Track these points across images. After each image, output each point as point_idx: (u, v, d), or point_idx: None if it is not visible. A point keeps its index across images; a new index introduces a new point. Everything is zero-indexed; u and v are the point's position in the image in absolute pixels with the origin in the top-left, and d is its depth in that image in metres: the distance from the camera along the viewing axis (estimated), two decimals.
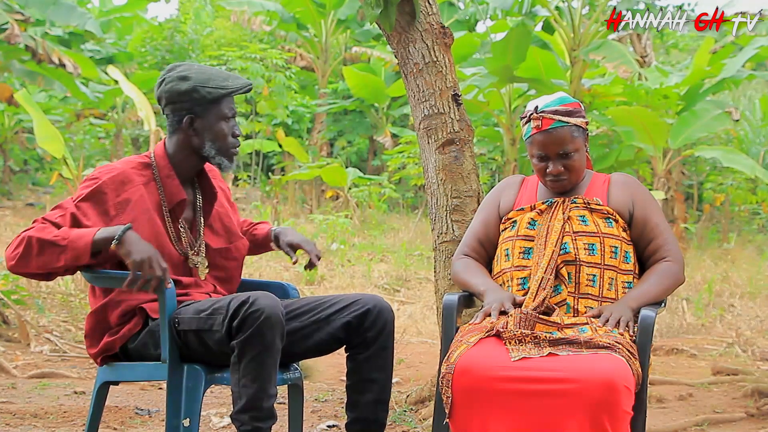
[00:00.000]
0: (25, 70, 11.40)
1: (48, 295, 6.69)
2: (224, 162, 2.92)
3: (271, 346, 2.60)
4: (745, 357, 5.73)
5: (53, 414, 4.01)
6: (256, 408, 2.61)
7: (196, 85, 2.85)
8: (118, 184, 2.82)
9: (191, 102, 2.86)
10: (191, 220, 2.96)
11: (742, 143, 12.98)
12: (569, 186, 2.87)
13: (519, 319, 2.59)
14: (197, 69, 2.91)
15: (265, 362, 2.60)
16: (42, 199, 14.16)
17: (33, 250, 2.67)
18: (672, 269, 2.79)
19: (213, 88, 2.86)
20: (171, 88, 2.87)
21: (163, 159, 2.91)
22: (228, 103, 2.90)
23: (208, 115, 2.87)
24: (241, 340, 2.59)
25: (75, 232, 2.69)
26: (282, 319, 2.63)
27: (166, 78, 2.90)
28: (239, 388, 2.61)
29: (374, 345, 2.86)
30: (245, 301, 2.61)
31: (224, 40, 18.62)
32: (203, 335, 2.69)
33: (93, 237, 2.67)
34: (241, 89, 2.90)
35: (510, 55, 9.44)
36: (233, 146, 2.92)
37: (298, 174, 12.58)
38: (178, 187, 2.89)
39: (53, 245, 2.67)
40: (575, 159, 2.82)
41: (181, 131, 2.89)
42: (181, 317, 2.72)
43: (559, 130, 2.80)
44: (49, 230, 2.69)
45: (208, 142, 2.89)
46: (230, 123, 2.91)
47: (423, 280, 8.73)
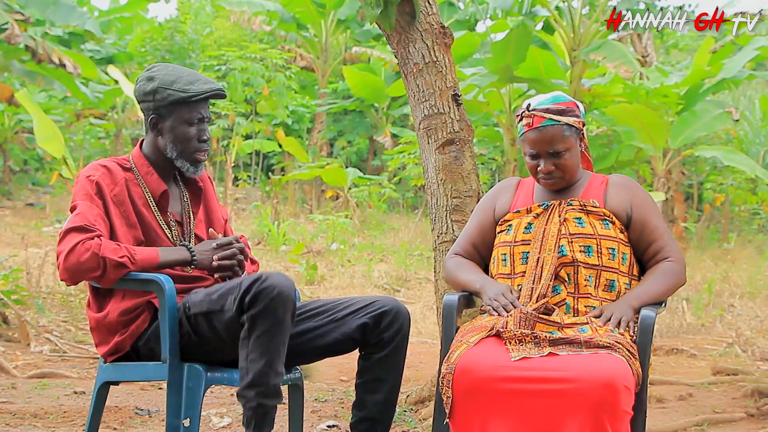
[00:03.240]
0: (25, 70, 11.40)
1: (48, 295, 6.69)
2: (186, 166, 2.92)
3: (281, 321, 2.60)
4: (745, 357, 5.73)
5: (53, 414, 4.01)
6: (263, 384, 2.59)
7: (158, 87, 2.87)
8: (109, 179, 2.86)
9: (155, 102, 2.88)
10: (180, 213, 2.99)
11: (742, 143, 12.98)
12: (563, 184, 2.86)
13: (519, 319, 2.59)
14: (168, 71, 2.91)
15: (274, 338, 2.60)
16: (42, 199, 14.16)
17: (109, 272, 2.71)
18: (674, 269, 2.79)
19: (175, 90, 2.86)
20: (138, 88, 2.92)
21: (140, 158, 2.95)
22: (195, 107, 2.88)
23: (170, 117, 2.88)
24: (252, 314, 2.59)
25: (140, 255, 2.75)
26: (294, 298, 2.63)
27: (139, 78, 2.95)
28: (247, 363, 2.60)
29: (389, 346, 2.86)
30: (258, 277, 2.62)
31: (224, 40, 18.64)
32: (213, 317, 2.69)
33: (159, 261, 2.78)
34: (203, 94, 2.87)
35: (510, 55, 9.45)
36: (197, 150, 2.91)
37: (298, 174, 12.58)
38: (158, 180, 2.92)
39: (122, 267, 2.72)
40: (567, 158, 2.81)
41: (150, 132, 2.94)
42: (192, 301, 2.74)
43: (550, 129, 2.79)
44: (112, 247, 2.72)
45: (170, 144, 2.90)
46: (198, 126, 2.90)
47: (423, 280, 8.73)
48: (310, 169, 12.37)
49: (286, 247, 10.14)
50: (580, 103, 2.91)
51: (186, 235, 2.97)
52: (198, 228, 3.01)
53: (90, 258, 2.68)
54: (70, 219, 2.79)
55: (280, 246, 10.11)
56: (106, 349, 2.84)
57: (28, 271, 6.75)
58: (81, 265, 2.69)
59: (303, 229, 11.05)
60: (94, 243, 2.70)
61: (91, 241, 2.70)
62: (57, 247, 2.76)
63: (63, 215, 11.96)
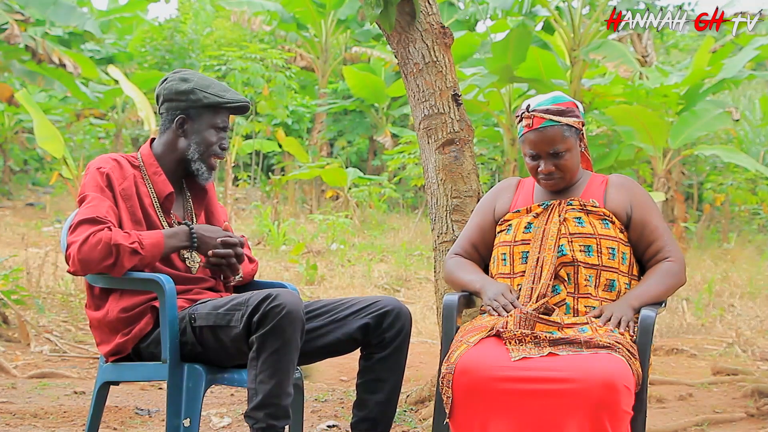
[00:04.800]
0: (25, 70, 11.40)
1: (48, 295, 6.69)
2: (203, 169, 2.95)
3: (290, 341, 2.60)
4: (745, 357, 5.73)
5: (53, 414, 4.01)
6: (272, 405, 2.59)
7: (195, 88, 2.91)
8: (119, 173, 2.88)
9: (187, 102, 2.91)
10: (182, 215, 3.00)
11: (742, 143, 12.98)
12: (562, 185, 2.86)
13: (519, 319, 2.59)
14: (200, 75, 2.97)
15: (283, 358, 2.59)
16: (42, 199, 14.16)
17: (122, 258, 2.72)
18: (674, 269, 2.79)
19: (210, 94, 2.91)
20: (171, 87, 2.94)
21: (149, 158, 2.96)
22: (222, 115, 2.94)
23: (200, 119, 2.92)
24: (261, 334, 2.59)
25: (147, 240, 2.76)
26: (302, 317, 2.63)
27: (169, 77, 2.98)
28: (256, 384, 2.60)
29: (390, 346, 2.86)
30: (267, 296, 2.62)
31: (224, 40, 18.62)
32: (219, 332, 2.69)
33: (164, 246, 2.79)
34: (237, 104, 2.94)
35: (510, 55, 9.45)
36: (216, 156, 2.95)
37: (298, 174, 12.59)
38: (165, 182, 2.93)
39: (134, 253, 2.73)
40: (567, 158, 2.81)
41: (171, 131, 2.95)
42: (198, 313, 2.74)
43: (549, 129, 2.80)
44: (123, 234, 2.74)
45: (194, 145, 2.92)
46: (220, 134, 2.95)
47: (423, 280, 8.73)
48: (310, 169, 12.37)
49: (286, 247, 10.14)
50: (579, 103, 2.91)
51: None
52: None
53: (102, 248, 2.70)
54: (80, 210, 2.80)
55: (280, 246, 10.12)
56: (107, 349, 2.84)
57: (28, 271, 6.75)
58: (94, 255, 2.70)
59: (303, 229, 11.05)
60: (105, 234, 2.71)
61: (102, 233, 2.71)
62: (67, 237, 2.77)
63: (63, 215, 11.96)
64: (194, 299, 2.86)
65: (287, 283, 3.13)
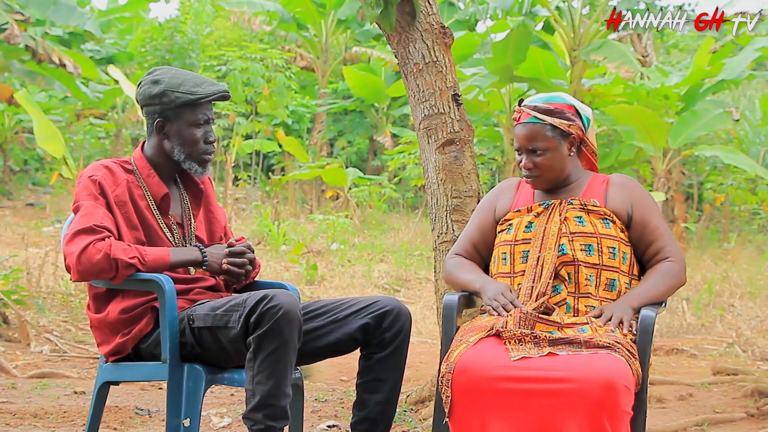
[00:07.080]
0: (25, 70, 11.40)
1: (48, 295, 6.69)
2: (195, 167, 2.94)
3: (288, 342, 2.60)
4: (745, 357, 5.73)
5: (53, 414, 4.01)
6: (271, 406, 2.59)
7: (165, 89, 2.87)
8: (111, 180, 2.87)
9: (162, 105, 2.89)
10: (180, 215, 2.99)
11: (742, 143, 12.97)
12: (543, 185, 2.87)
13: (519, 319, 2.59)
14: (172, 73, 2.92)
15: (281, 359, 2.59)
16: (42, 199, 14.16)
17: (121, 272, 2.72)
18: (674, 269, 2.79)
19: (182, 93, 2.87)
20: (143, 91, 2.92)
21: (141, 161, 2.95)
22: (200, 109, 2.90)
23: (178, 119, 2.89)
24: (259, 335, 2.59)
25: (150, 256, 2.76)
26: (300, 317, 2.63)
27: (142, 81, 2.95)
28: (254, 385, 2.60)
29: (390, 346, 2.86)
30: (264, 297, 2.62)
31: (224, 40, 18.61)
32: (218, 333, 2.69)
33: (170, 262, 2.79)
34: (211, 96, 2.90)
35: (510, 55, 9.44)
36: (204, 152, 2.93)
37: (298, 174, 12.58)
38: (159, 183, 2.93)
39: (132, 267, 2.73)
40: (546, 157, 2.81)
41: (155, 135, 2.93)
42: (196, 314, 2.74)
43: (531, 126, 2.81)
44: (123, 248, 2.73)
45: (177, 146, 2.91)
46: (204, 128, 2.92)
47: (423, 280, 8.73)
48: (310, 169, 12.37)
49: (286, 247, 10.13)
50: (583, 108, 2.89)
51: (187, 237, 2.97)
52: (199, 230, 3.01)
53: (102, 259, 2.69)
54: (76, 219, 2.78)
55: (280, 246, 10.11)
56: (107, 349, 2.84)
57: (28, 271, 6.75)
58: (94, 266, 2.70)
59: (303, 229, 11.05)
60: (105, 244, 2.70)
61: (101, 242, 2.71)
62: (64, 248, 2.76)
63: (63, 215, 11.96)
64: (194, 299, 2.87)
65: (287, 283, 3.13)
